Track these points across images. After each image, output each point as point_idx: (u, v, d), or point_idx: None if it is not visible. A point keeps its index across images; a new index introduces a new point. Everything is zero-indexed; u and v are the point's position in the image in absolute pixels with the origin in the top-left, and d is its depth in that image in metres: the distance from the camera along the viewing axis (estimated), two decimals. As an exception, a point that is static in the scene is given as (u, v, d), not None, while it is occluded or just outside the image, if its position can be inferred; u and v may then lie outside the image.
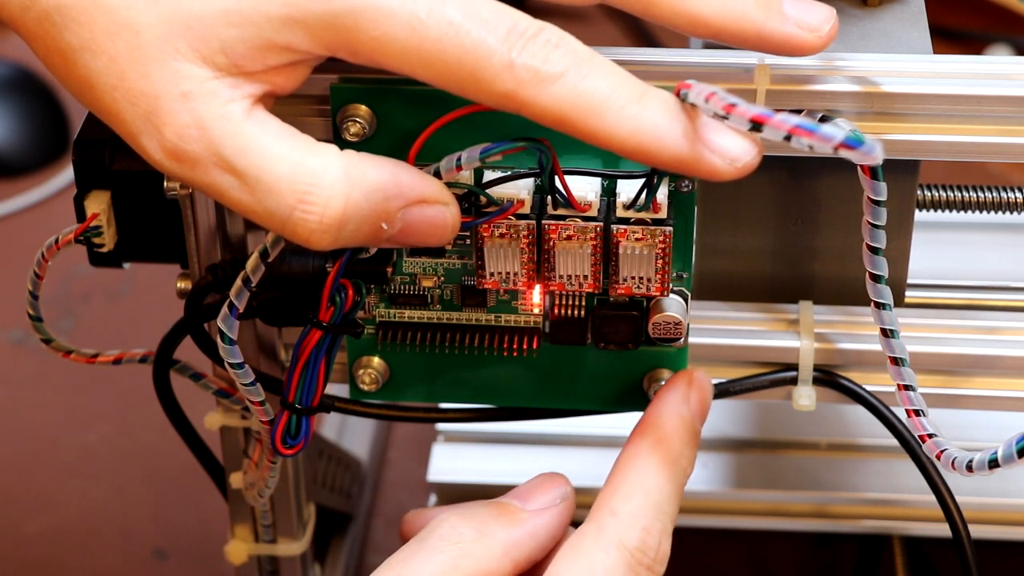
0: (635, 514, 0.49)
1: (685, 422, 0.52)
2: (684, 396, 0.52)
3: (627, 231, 0.51)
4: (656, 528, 0.49)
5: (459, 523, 0.50)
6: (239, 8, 0.46)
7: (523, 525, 0.51)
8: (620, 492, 0.50)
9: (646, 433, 0.51)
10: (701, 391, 0.53)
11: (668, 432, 0.51)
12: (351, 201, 0.47)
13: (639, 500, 0.50)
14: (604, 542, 0.49)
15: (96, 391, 0.86)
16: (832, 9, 0.49)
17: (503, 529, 0.50)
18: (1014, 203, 0.60)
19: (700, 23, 0.48)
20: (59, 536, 0.79)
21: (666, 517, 0.50)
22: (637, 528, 0.49)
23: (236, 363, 0.52)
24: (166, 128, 0.47)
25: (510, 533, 0.50)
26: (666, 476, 0.50)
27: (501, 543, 0.50)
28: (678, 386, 0.53)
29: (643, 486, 0.50)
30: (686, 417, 0.52)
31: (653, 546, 0.49)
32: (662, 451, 0.51)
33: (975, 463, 0.50)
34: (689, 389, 0.53)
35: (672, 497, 0.50)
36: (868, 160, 0.43)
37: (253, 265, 0.50)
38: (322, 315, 0.51)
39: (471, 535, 0.50)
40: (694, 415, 0.52)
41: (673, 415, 0.52)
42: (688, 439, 0.52)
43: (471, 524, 0.50)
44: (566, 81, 0.46)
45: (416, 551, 0.50)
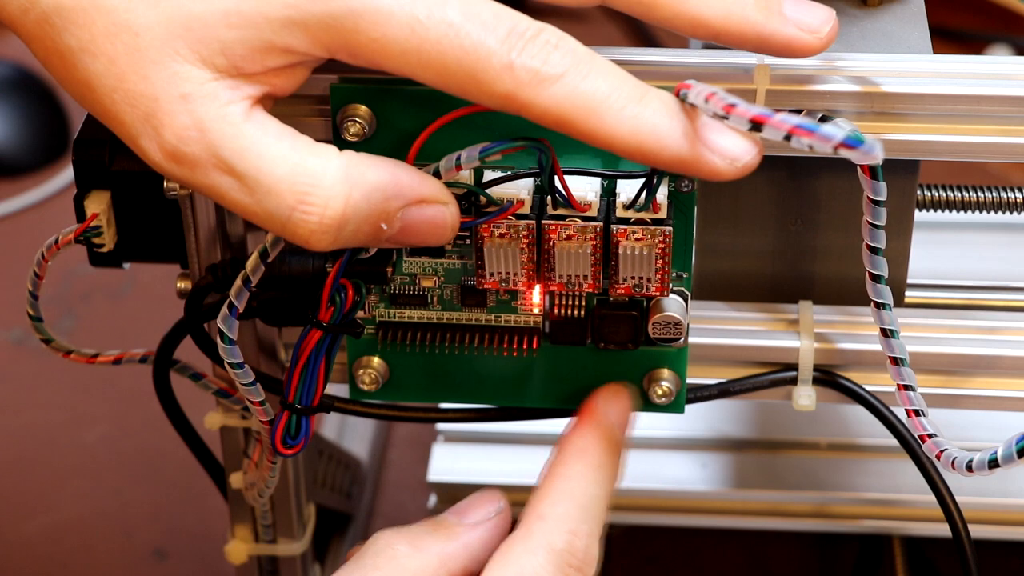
0: (561, 517, 0.50)
1: (605, 432, 0.53)
2: (603, 409, 0.54)
3: (627, 231, 0.51)
4: (583, 530, 0.51)
5: (393, 539, 0.51)
6: (239, 10, 0.46)
7: (458, 538, 0.52)
8: (547, 498, 0.51)
9: (569, 444, 0.53)
10: (619, 403, 0.54)
11: (589, 442, 0.53)
12: (351, 202, 0.47)
13: (565, 504, 0.51)
14: (532, 545, 0.50)
15: (96, 391, 0.86)
16: (832, 10, 0.49)
17: (438, 542, 0.51)
18: (1014, 203, 0.60)
19: (700, 25, 0.48)
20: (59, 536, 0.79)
21: (593, 520, 0.51)
22: (564, 531, 0.50)
23: (236, 363, 0.52)
24: (165, 130, 0.46)
25: (445, 547, 0.51)
26: (590, 481, 0.52)
27: (436, 556, 0.51)
28: (596, 400, 0.54)
29: (568, 491, 0.51)
30: (606, 427, 0.53)
31: (581, 547, 0.50)
32: (585, 459, 0.52)
33: (975, 463, 0.50)
34: (607, 402, 0.54)
35: (598, 501, 0.52)
36: (868, 160, 0.43)
37: (253, 265, 0.50)
38: (322, 315, 0.51)
39: (407, 549, 0.51)
40: (613, 425, 0.53)
41: (593, 427, 0.53)
42: (609, 447, 0.53)
43: (406, 539, 0.51)
44: (566, 82, 0.46)
45: (352, 570, 0.50)
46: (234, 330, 0.51)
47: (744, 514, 0.72)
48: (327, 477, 0.71)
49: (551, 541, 0.50)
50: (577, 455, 0.52)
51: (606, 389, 0.54)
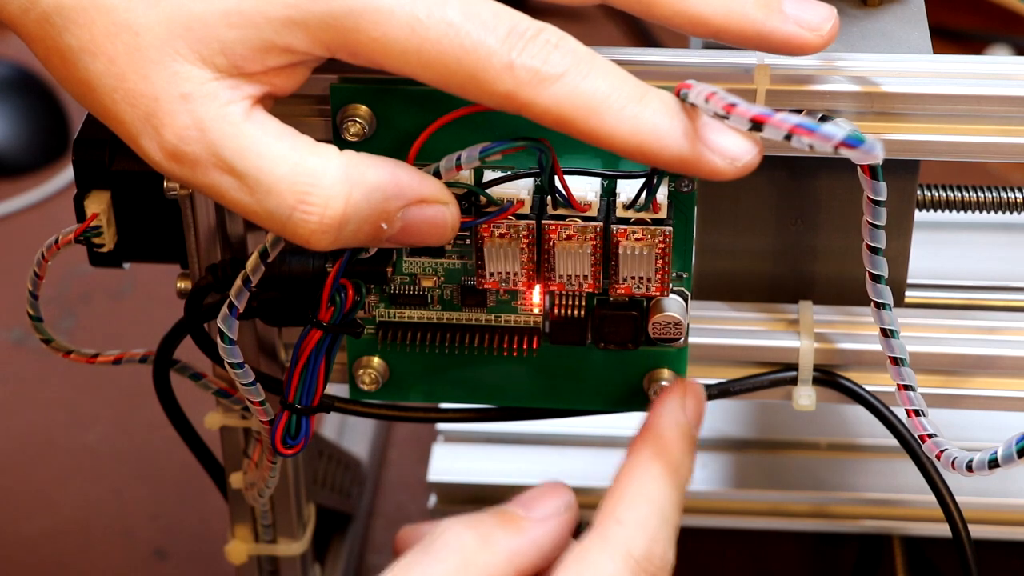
0: (641, 523, 0.49)
1: (683, 431, 0.52)
2: (681, 404, 0.53)
3: (627, 231, 0.51)
4: (662, 536, 0.49)
5: (463, 531, 0.50)
6: (239, 9, 0.46)
7: (527, 533, 0.50)
8: (624, 501, 0.50)
9: (647, 443, 0.52)
10: (696, 398, 0.53)
11: (668, 441, 0.51)
12: (351, 201, 0.47)
13: (644, 509, 0.50)
14: (611, 550, 0.49)
15: (96, 391, 0.86)
16: (832, 8, 0.49)
17: (507, 537, 0.50)
18: (1014, 203, 0.60)
19: (700, 23, 0.48)
20: (59, 536, 0.79)
21: (670, 526, 0.50)
22: (643, 536, 0.49)
23: (236, 363, 0.52)
24: (165, 129, 0.46)
25: (513, 541, 0.50)
26: (669, 484, 0.51)
27: (505, 551, 0.50)
28: (674, 395, 0.53)
29: (647, 495, 0.50)
30: (684, 426, 0.52)
31: (659, 554, 0.49)
32: (664, 460, 0.51)
33: (975, 463, 0.50)
34: (685, 397, 0.53)
35: (675, 505, 0.51)
36: (869, 159, 0.43)
37: (253, 265, 0.50)
38: (322, 315, 0.51)
39: (475, 543, 0.50)
40: (691, 423, 0.53)
41: (672, 424, 0.52)
42: (687, 448, 0.52)
43: (475, 532, 0.50)
44: (566, 81, 0.46)
45: (420, 559, 0.49)
46: (234, 330, 0.51)
47: (744, 514, 0.72)
48: (327, 477, 0.71)
49: (630, 547, 0.49)
50: (654, 456, 0.51)
51: (680, 384, 0.53)
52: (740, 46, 0.49)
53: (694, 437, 0.52)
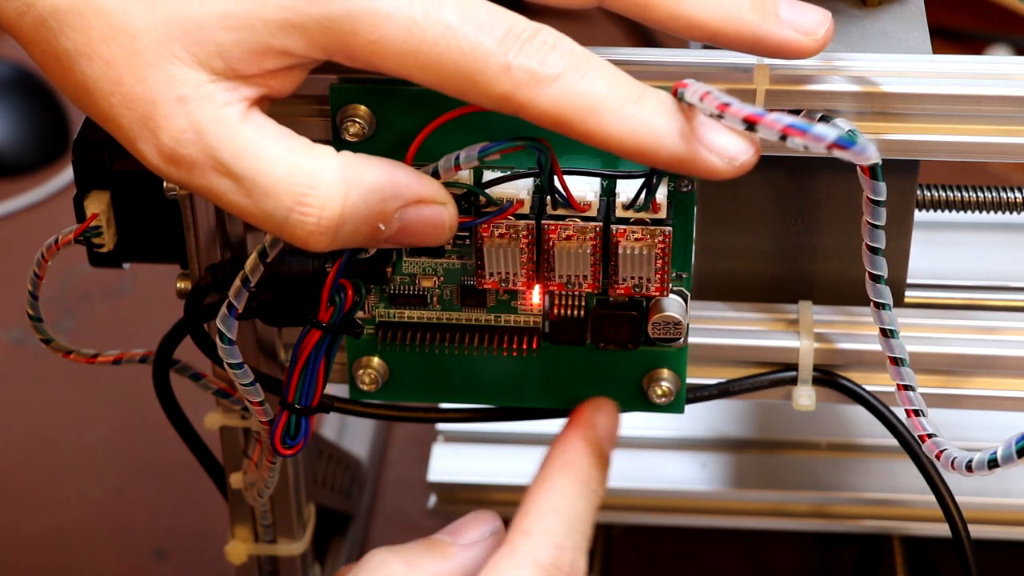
0: (547, 532, 0.50)
1: (593, 445, 0.53)
2: (591, 421, 0.54)
3: (627, 231, 0.51)
4: (569, 545, 0.50)
5: (389, 557, 0.51)
6: (236, 12, 0.46)
7: (453, 559, 0.52)
8: (532, 513, 0.51)
9: (555, 457, 0.53)
10: (608, 415, 0.54)
11: (576, 454, 0.52)
12: (348, 202, 0.47)
13: (551, 519, 0.51)
14: (518, 561, 0.50)
15: (96, 391, 0.86)
16: (828, 12, 0.49)
17: (433, 562, 0.51)
18: (1014, 203, 0.60)
19: (696, 26, 0.49)
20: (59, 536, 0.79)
21: (578, 535, 0.51)
22: (549, 545, 0.50)
23: (235, 364, 0.52)
24: (162, 132, 0.46)
25: (439, 566, 0.51)
26: (577, 495, 0.52)
27: (429, 574, 0.51)
28: (585, 411, 0.54)
29: (554, 506, 0.51)
30: (592, 440, 0.53)
31: (567, 561, 0.50)
32: (571, 472, 0.52)
33: (975, 463, 0.50)
34: (595, 414, 0.54)
35: (584, 516, 0.51)
36: (861, 160, 0.43)
37: (252, 265, 0.50)
38: (321, 315, 0.51)
39: (401, 569, 0.51)
40: (601, 439, 0.53)
41: (580, 438, 0.53)
42: (596, 461, 0.53)
43: (401, 558, 0.51)
44: (563, 82, 0.46)
45: None
46: (233, 330, 0.51)
47: (744, 514, 0.72)
48: (327, 477, 0.71)
49: (537, 556, 0.50)
50: (563, 468, 0.52)
51: (592, 402, 0.54)
52: (736, 50, 0.49)
53: (605, 451, 0.53)
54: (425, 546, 0.52)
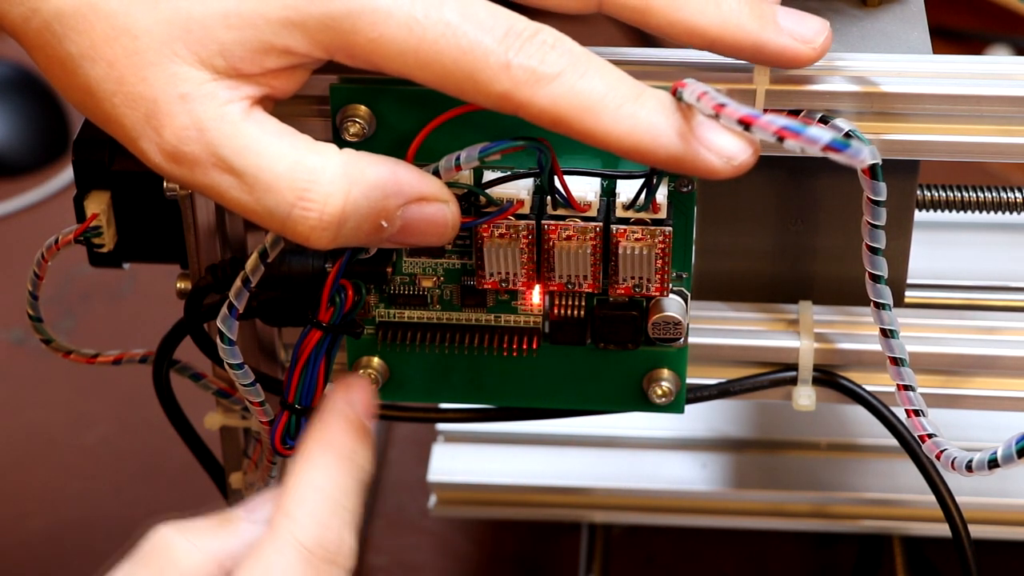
0: (309, 512, 0.48)
1: (351, 422, 0.51)
2: (346, 400, 0.52)
3: (627, 231, 0.51)
4: (334, 523, 0.48)
5: (170, 533, 0.49)
6: (238, 11, 0.46)
7: (240, 536, 0.49)
8: (293, 494, 0.49)
9: (313, 437, 0.51)
10: (361, 392, 0.52)
11: (334, 432, 0.51)
12: (350, 198, 0.47)
13: (312, 499, 0.49)
14: (280, 543, 0.48)
15: (96, 391, 0.86)
16: (826, 21, 0.49)
17: (216, 540, 0.49)
18: (1014, 203, 0.60)
19: (696, 33, 0.49)
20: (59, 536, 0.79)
21: (345, 511, 0.49)
22: (312, 525, 0.48)
23: (236, 364, 0.52)
24: (165, 130, 0.47)
25: (224, 544, 0.49)
26: (339, 472, 0.50)
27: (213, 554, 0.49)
28: (338, 392, 0.52)
29: (315, 484, 0.49)
30: (351, 417, 0.51)
31: (334, 540, 0.48)
32: (332, 450, 0.50)
33: (975, 463, 0.50)
34: (348, 392, 0.52)
35: (349, 492, 0.50)
36: (855, 163, 0.43)
37: (252, 265, 0.50)
38: (322, 315, 0.51)
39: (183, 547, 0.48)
40: (359, 415, 0.51)
41: (337, 417, 0.51)
42: (357, 437, 0.51)
43: (183, 535, 0.49)
44: (563, 81, 0.46)
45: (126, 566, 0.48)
46: (234, 331, 0.51)
47: (744, 514, 0.72)
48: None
49: (300, 537, 0.48)
50: (323, 447, 0.50)
51: (342, 381, 0.52)
52: (735, 57, 0.49)
53: (365, 428, 0.51)
54: (215, 522, 0.50)
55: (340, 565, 0.48)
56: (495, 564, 0.77)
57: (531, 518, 0.73)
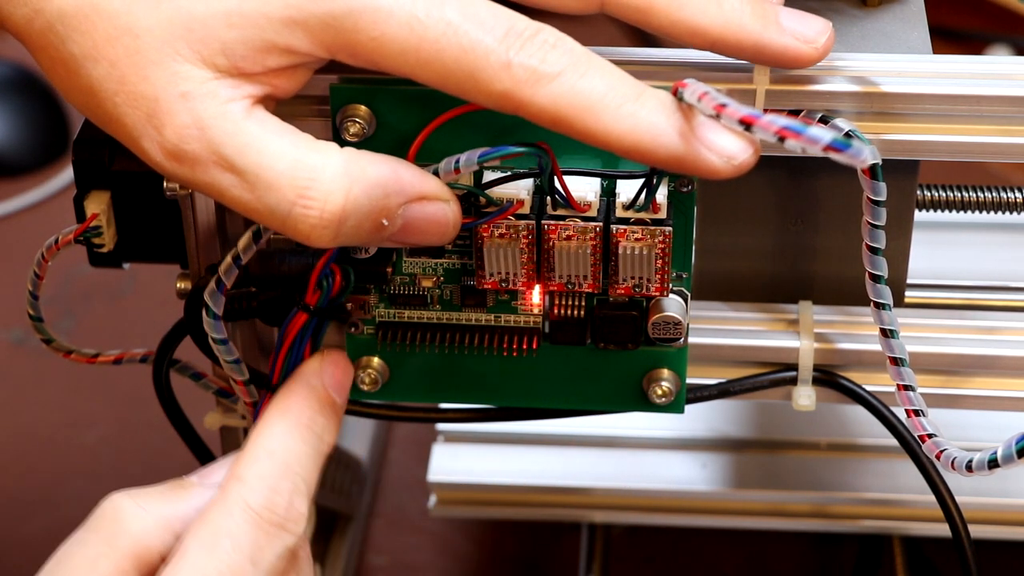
0: (260, 476, 0.48)
1: (315, 391, 0.51)
2: (315, 370, 0.51)
3: (627, 231, 0.51)
4: (284, 488, 0.48)
5: (121, 499, 0.48)
6: (240, 10, 0.46)
7: (189, 500, 0.49)
8: (245, 458, 0.49)
9: (273, 406, 0.51)
10: (335, 364, 0.52)
11: (295, 401, 0.50)
12: (351, 196, 0.47)
13: (264, 463, 0.49)
14: (228, 506, 0.47)
15: (96, 391, 0.86)
16: (828, 22, 0.49)
17: (167, 505, 0.49)
18: (1014, 203, 0.60)
19: (697, 33, 0.49)
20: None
21: (297, 477, 0.49)
22: (262, 488, 0.48)
23: (220, 339, 0.52)
24: (166, 129, 0.47)
25: (174, 508, 0.49)
26: (295, 439, 0.49)
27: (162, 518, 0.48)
28: (309, 363, 0.52)
29: (268, 449, 0.49)
30: (316, 387, 0.51)
31: (282, 504, 0.48)
32: (289, 418, 0.50)
33: (975, 463, 0.50)
34: (321, 363, 0.52)
35: (303, 459, 0.49)
36: (856, 163, 0.43)
37: (244, 244, 0.50)
38: (308, 298, 0.51)
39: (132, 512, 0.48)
40: (326, 386, 0.51)
41: (300, 385, 0.51)
42: (319, 407, 0.50)
43: (134, 500, 0.48)
44: (563, 80, 0.46)
45: (77, 533, 0.48)
46: (220, 305, 0.51)
47: (744, 514, 0.72)
48: (326, 477, 0.71)
49: (248, 500, 0.48)
50: (279, 414, 0.50)
51: (320, 353, 0.52)
52: (736, 57, 0.49)
53: (331, 400, 0.51)
54: (167, 487, 0.49)
55: (289, 531, 0.48)
56: (495, 564, 0.77)
57: (531, 518, 0.73)
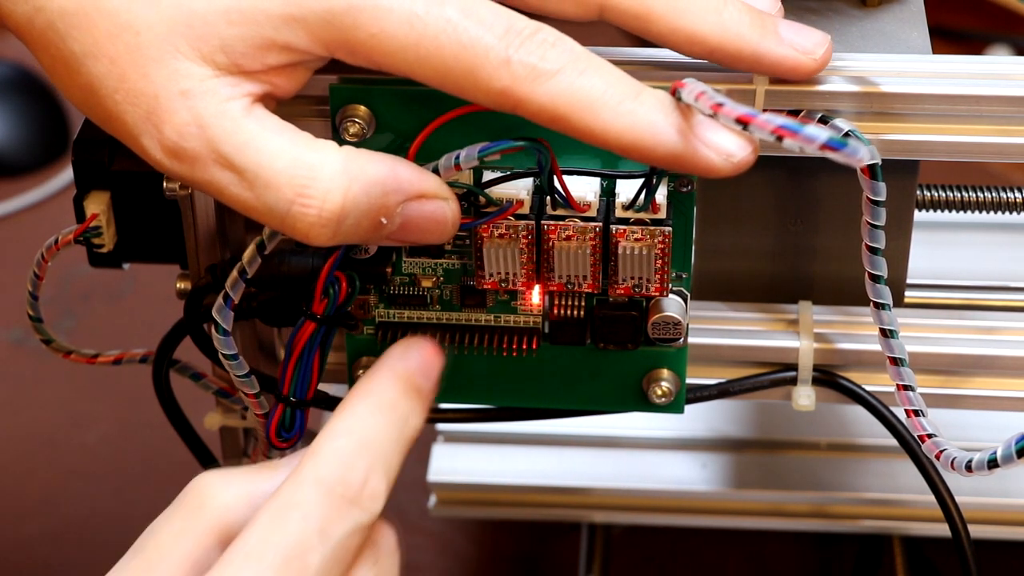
0: (335, 452, 0.47)
1: (398, 375, 0.49)
2: (400, 354, 0.50)
3: (626, 231, 0.51)
4: (360, 464, 0.46)
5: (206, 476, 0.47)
6: (239, 7, 0.46)
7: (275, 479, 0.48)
8: (323, 437, 0.47)
9: (355, 389, 0.49)
10: (421, 350, 0.50)
11: (378, 382, 0.49)
12: (350, 195, 0.47)
13: (341, 440, 0.47)
14: (299, 479, 0.46)
15: (96, 391, 0.86)
16: (827, 35, 0.50)
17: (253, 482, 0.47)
18: (1014, 203, 0.60)
19: (697, 41, 0.49)
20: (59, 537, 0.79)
21: (375, 455, 0.47)
22: (336, 463, 0.46)
23: (230, 354, 0.52)
24: (166, 126, 0.47)
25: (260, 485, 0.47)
26: (376, 419, 0.48)
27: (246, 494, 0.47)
28: (394, 348, 0.50)
29: (347, 428, 0.47)
30: (400, 371, 0.49)
31: (357, 479, 0.46)
32: (371, 399, 0.48)
33: (974, 463, 0.50)
34: (406, 350, 0.50)
35: (384, 439, 0.48)
36: (853, 162, 0.43)
37: (249, 257, 0.50)
38: (316, 307, 0.51)
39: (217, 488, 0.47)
40: (411, 371, 0.49)
41: (384, 369, 0.49)
42: (403, 389, 0.49)
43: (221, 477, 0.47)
44: (562, 78, 0.46)
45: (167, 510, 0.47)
46: (229, 321, 0.51)
47: (744, 514, 0.72)
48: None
49: (320, 473, 0.46)
50: (362, 396, 0.48)
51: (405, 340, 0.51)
52: (735, 67, 0.50)
53: (416, 384, 0.49)
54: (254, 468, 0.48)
55: (363, 507, 0.46)
56: (495, 564, 0.77)
57: (531, 518, 0.73)
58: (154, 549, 0.46)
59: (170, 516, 0.47)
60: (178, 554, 0.46)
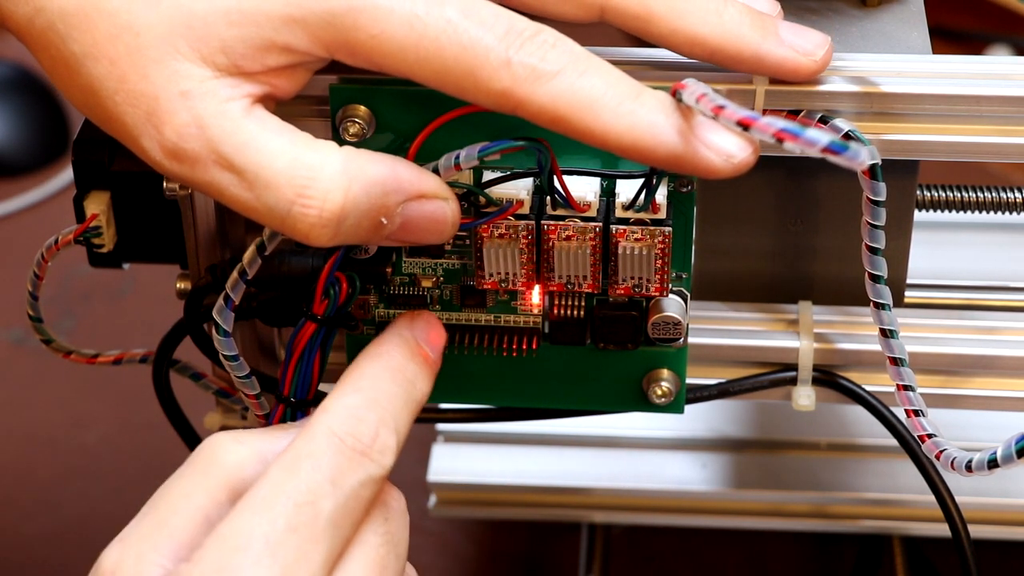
0: (346, 407, 0.47)
1: (406, 339, 0.50)
2: (407, 323, 0.51)
3: (626, 231, 0.51)
4: (371, 418, 0.47)
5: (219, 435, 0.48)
6: (240, 8, 0.47)
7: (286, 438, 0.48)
8: (333, 394, 0.48)
9: (364, 353, 0.50)
10: (426, 321, 0.51)
11: (386, 348, 0.50)
12: (350, 195, 0.47)
13: (352, 396, 0.48)
14: (311, 432, 0.47)
15: (96, 391, 0.86)
16: (827, 36, 0.50)
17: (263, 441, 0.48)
18: (1014, 203, 0.60)
19: (697, 42, 0.49)
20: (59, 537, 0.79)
21: (385, 411, 0.48)
22: (347, 417, 0.47)
23: (231, 355, 0.52)
24: (165, 127, 0.47)
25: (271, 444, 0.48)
26: (385, 379, 0.49)
27: (258, 451, 0.47)
28: (400, 317, 0.51)
29: (356, 386, 0.48)
30: (407, 337, 0.50)
31: (368, 433, 0.47)
32: (380, 361, 0.49)
33: (974, 463, 0.50)
34: (412, 320, 0.51)
35: (393, 397, 0.48)
36: (853, 165, 0.43)
37: (249, 258, 0.50)
38: (316, 308, 0.51)
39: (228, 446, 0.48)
40: (416, 338, 0.51)
41: (392, 335, 0.50)
42: (408, 354, 0.50)
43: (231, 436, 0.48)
44: (563, 79, 0.46)
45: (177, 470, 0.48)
46: (229, 322, 0.51)
47: (744, 514, 0.72)
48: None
49: (331, 425, 0.47)
50: (371, 358, 0.49)
51: (409, 312, 0.52)
52: (735, 68, 0.50)
53: (421, 352, 0.50)
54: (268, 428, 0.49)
55: (373, 460, 0.47)
56: (495, 564, 0.77)
57: (531, 518, 0.73)
58: (166, 505, 0.47)
59: (182, 473, 0.48)
60: (190, 509, 0.46)
